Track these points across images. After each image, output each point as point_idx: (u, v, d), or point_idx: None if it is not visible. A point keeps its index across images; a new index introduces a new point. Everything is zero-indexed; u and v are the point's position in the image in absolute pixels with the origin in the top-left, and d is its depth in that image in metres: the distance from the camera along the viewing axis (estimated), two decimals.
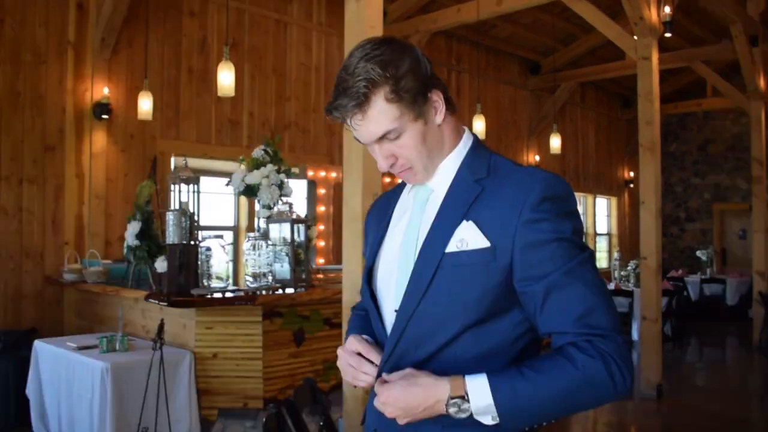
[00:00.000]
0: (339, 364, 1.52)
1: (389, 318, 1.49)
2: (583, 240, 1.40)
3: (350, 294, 3.65)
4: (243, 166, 5.01)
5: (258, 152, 4.96)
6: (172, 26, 7.10)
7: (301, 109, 8.33)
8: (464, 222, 1.38)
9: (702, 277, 12.48)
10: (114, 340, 4.37)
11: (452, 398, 1.29)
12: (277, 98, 8.09)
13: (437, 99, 1.44)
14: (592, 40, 11.53)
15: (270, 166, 4.86)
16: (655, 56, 6.86)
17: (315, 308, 4.81)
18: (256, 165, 4.91)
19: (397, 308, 1.45)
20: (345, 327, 3.70)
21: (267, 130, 7.86)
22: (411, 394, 1.33)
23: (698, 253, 13.22)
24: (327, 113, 1.42)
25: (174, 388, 4.23)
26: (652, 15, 6.82)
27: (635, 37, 7.00)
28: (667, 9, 6.88)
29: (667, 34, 7.00)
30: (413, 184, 1.52)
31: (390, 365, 1.44)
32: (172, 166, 6.91)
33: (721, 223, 15.31)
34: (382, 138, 1.40)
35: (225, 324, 4.48)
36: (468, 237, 1.37)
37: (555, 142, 10.14)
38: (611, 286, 10.00)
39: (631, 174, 15.02)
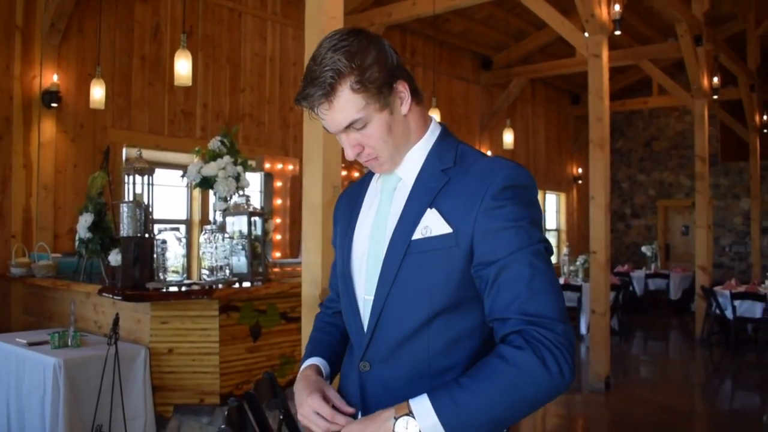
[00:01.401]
0: (305, 419, 1.49)
1: (361, 305, 1.53)
2: (542, 231, 1.42)
3: (310, 287, 3.63)
4: (196, 159, 4.93)
5: (215, 143, 4.89)
6: (125, 12, 6.93)
7: (255, 100, 8.24)
8: (429, 210, 1.43)
9: (647, 272, 12.81)
10: (66, 335, 4.25)
11: (397, 417, 1.30)
12: (232, 89, 7.98)
13: (403, 90, 1.47)
14: (544, 37, 11.70)
15: (227, 158, 4.79)
16: (605, 53, 6.99)
17: (272, 302, 4.77)
18: (213, 156, 4.83)
19: (367, 296, 1.50)
20: (305, 324, 3.68)
21: (221, 121, 7.75)
22: (364, 428, 1.34)
23: (643, 248, 13.57)
24: (296, 103, 1.45)
25: (129, 385, 4.14)
26: (603, 13, 6.94)
27: (586, 35, 7.12)
28: (617, 7, 7.00)
29: (617, 32, 7.12)
30: (380, 173, 1.55)
31: (369, 354, 1.49)
32: (124, 158, 6.76)
33: (665, 219, 15.74)
34: (349, 127, 1.43)
35: (181, 318, 4.41)
36: (432, 224, 1.42)
37: (508, 138, 10.26)
38: (560, 280, 10.18)
39: (580, 170, 15.30)
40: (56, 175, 6.35)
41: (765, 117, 12.92)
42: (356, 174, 6.94)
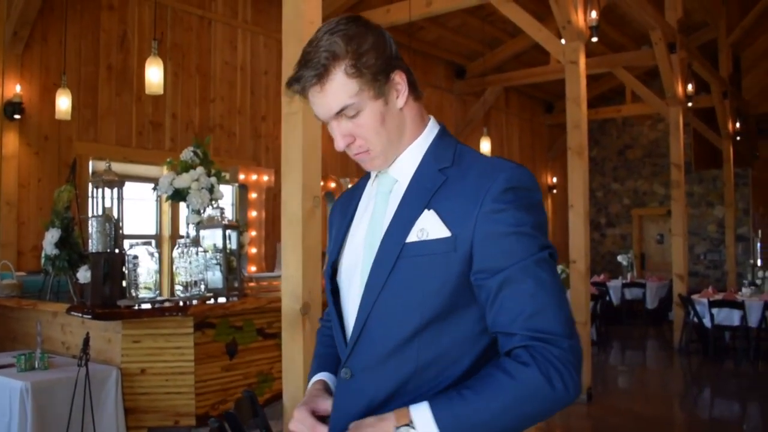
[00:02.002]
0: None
1: (352, 313, 1.46)
2: (546, 235, 1.37)
3: (290, 301, 3.53)
4: (166, 171, 4.82)
5: (187, 154, 4.78)
6: (90, 20, 6.79)
7: (226, 110, 8.13)
8: (426, 211, 1.37)
9: (623, 282, 12.89)
10: (32, 357, 4.10)
11: (398, 427, 1.27)
12: (201, 99, 7.86)
13: (400, 81, 1.43)
14: (518, 45, 11.78)
15: (200, 169, 4.69)
16: (582, 60, 7.02)
17: (248, 318, 4.67)
18: (185, 168, 4.72)
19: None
20: (286, 340, 3.59)
21: (191, 132, 7.63)
22: None
23: (619, 257, 13.65)
24: (288, 85, 1.40)
25: (100, 408, 4.00)
26: (579, 19, 6.97)
27: (563, 41, 7.15)
28: (594, 14, 7.06)
29: (594, 39, 7.17)
30: (370, 170, 1.50)
31: (351, 361, 1.43)
32: (90, 171, 6.60)
33: (640, 228, 15.89)
34: (340, 114, 1.38)
35: (154, 337, 4.28)
36: (429, 226, 1.35)
37: (485, 146, 10.26)
38: None
39: (554, 179, 15.38)
40: (19, 190, 6.17)
41: (738, 124, 13.12)
42: (332, 185, 6.87)
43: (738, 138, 13.33)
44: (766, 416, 6.85)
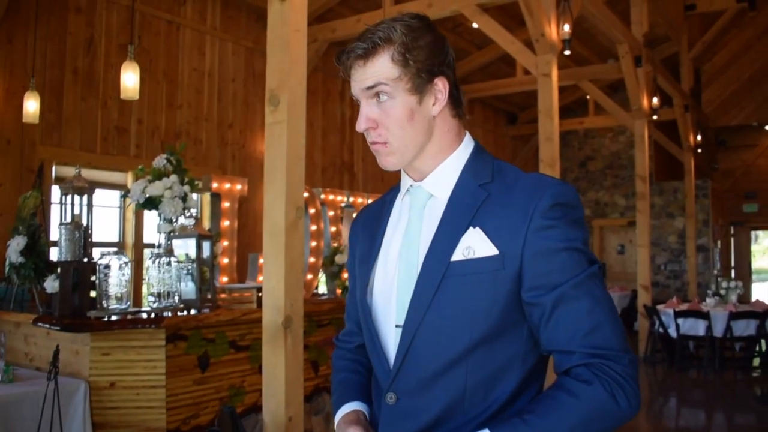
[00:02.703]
0: None
1: (390, 334, 1.42)
2: (591, 251, 1.36)
3: (272, 313, 3.46)
4: (131, 177, 4.70)
5: (160, 161, 4.67)
6: (57, 23, 6.60)
7: (192, 117, 7.99)
8: (470, 229, 1.34)
9: None
10: None
11: None
12: (168, 105, 7.71)
13: (441, 89, 1.40)
14: (484, 57, 11.87)
15: (174, 177, 4.59)
16: (555, 73, 7.08)
17: (220, 330, 4.57)
18: (158, 175, 4.62)
19: (399, 323, 1.39)
20: (266, 353, 3.51)
21: (157, 139, 7.48)
22: None
23: None
24: (336, 58, 1.42)
25: (67, 423, 3.86)
26: (552, 32, 7.04)
27: (536, 54, 7.20)
28: (567, 27, 7.13)
29: (567, 52, 7.25)
30: (384, 166, 1.44)
31: (396, 385, 1.38)
32: (53, 176, 6.42)
33: (601, 239, 16.10)
34: (372, 91, 1.38)
35: (124, 349, 4.16)
36: (475, 244, 1.32)
37: None
38: None
39: None
40: None
41: (699, 137, 13.40)
42: (305, 194, 6.78)
43: (698, 150, 13.61)
44: (732, 425, 6.98)
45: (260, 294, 4.82)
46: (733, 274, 16.50)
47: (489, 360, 1.33)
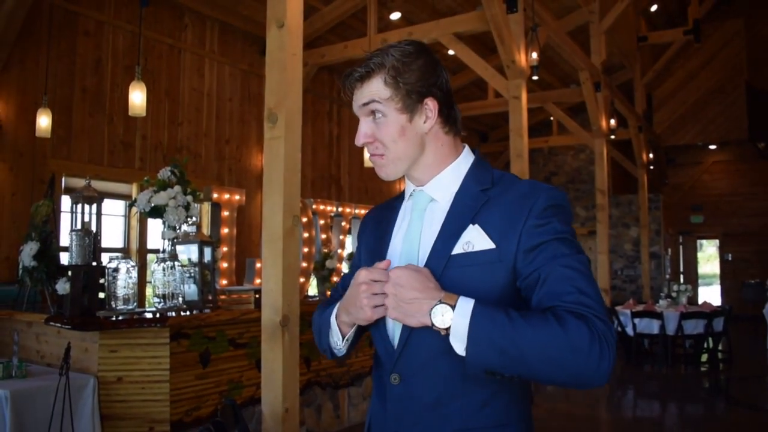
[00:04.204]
0: (360, 296, 1.34)
1: (390, 325, 1.42)
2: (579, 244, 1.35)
3: (270, 313, 3.43)
4: (136, 188, 4.64)
5: (165, 173, 4.62)
6: (67, 45, 6.53)
7: (192, 133, 7.93)
8: (471, 226, 1.36)
9: None
10: (10, 366, 3.86)
11: (442, 302, 1.23)
12: (170, 122, 7.65)
13: (431, 108, 1.41)
14: (458, 81, 11.91)
15: (177, 188, 4.53)
16: (524, 95, 7.14)
17: (220, 329, 4.52)
18: (163, 186, 4.56)
19: None
20: (265, 350, 3.47)
21: (159, 153, 7.41)
22: (414, 277, 1.27)
23: None
24: (341, 83, 1.44)
25: (77, 415, 3.79)
26: (522, 59, 7.09)
27: (507, 78, 7.24)
28: (534, 55, 7.18)
29: (535, 77, 7.30)
30: (382, 176, 1.46)
31: (400, 366, 1.38)
32: (63, 186, 6.33)
33: None
34: (367, 107, 1.40)
35: (131, 347, 4.09)
36: (474, 239, 1.34)
37: None
38: None
39: None
40: None
41: (651, 155, 13.55)
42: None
43: (651, 167, 13.76)
44: (683, 414, 7.03)
45: (258, 295, 4.78)
46: (681, 279, 16.68)
47: None
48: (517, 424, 1.36)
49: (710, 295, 17.03)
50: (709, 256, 21.58)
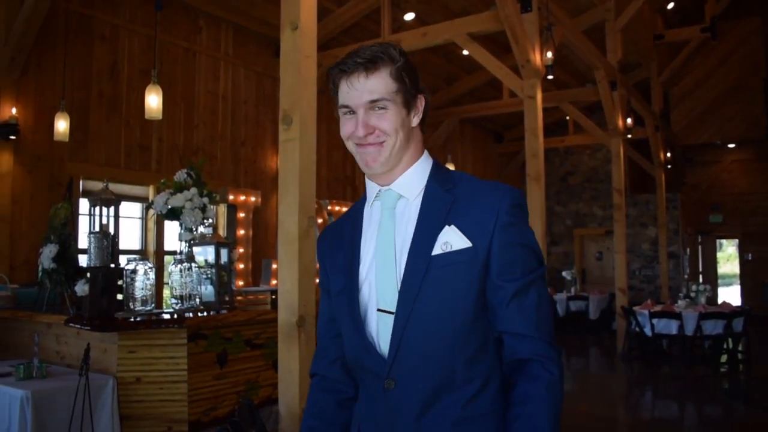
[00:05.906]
0: None
1: (374, 318, 1.45)
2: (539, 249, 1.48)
3: (287, 314, 3.46)
4: (153, 190, 4.69)
5: (181, 176, 4.67)
6: (83, 50, 6.62)
7: (208, 135, 8.00)
8: (446, 227, 1.41)
9: (568, 295, 13.03)
10: (31, 367, 3.93)
11: None
12: (186, 124, 7.72)
13: (420, 105, 1.50)
14: (473, 81, 11.91)
15: (194, 190, 4.58)
16: (539, 95, 7.12)
17: (237, 330, 4.56)
18: (179, 188, 4.61)
19: (380, 307, 1.43)
20: (282, 351, 3.50)
21: (176, 155, 7.49)
22: None
23: (564, 273, 13.81)
24: (329, 71, 1.45)
25: (97, 415, 3.84)
26: (536, 59, 7.08)
27: (522, 78, 7.24)
28: (549, 54, 7.17)
29: (550, 76, 7.29)
30: (374, 167, 1.46)
31: (394, 372, 1.40)
32: (81, 189, 6.41)
33: (581, 246, 16.12)
34: (373, 104, 1.41)
35: (149, 347, 4.14)
36: (451, 240, 1.40)
37: None
38: None
39: None
40: (13, 206, 5.95)
41: (668, 154, 13.45)
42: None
43: (668, 166, 13.66)
44: (702, 415, 6.98)
45: (274, 296, 4.81)
46: (701, 279, 16.54)
47: (470, 339, 1.40)
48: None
49: (730, 295, 16.86)
50: (728, 256, 21.38)
